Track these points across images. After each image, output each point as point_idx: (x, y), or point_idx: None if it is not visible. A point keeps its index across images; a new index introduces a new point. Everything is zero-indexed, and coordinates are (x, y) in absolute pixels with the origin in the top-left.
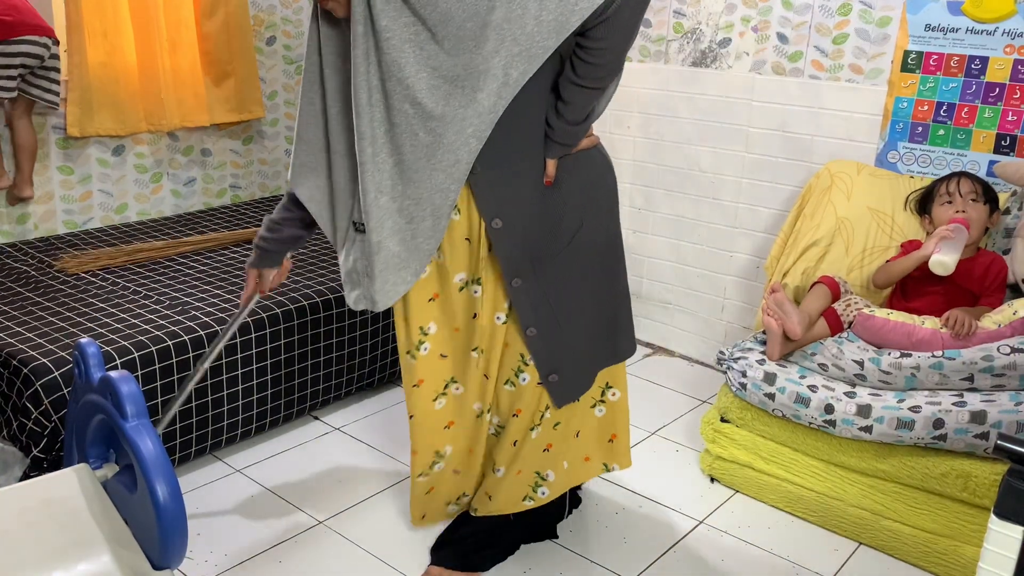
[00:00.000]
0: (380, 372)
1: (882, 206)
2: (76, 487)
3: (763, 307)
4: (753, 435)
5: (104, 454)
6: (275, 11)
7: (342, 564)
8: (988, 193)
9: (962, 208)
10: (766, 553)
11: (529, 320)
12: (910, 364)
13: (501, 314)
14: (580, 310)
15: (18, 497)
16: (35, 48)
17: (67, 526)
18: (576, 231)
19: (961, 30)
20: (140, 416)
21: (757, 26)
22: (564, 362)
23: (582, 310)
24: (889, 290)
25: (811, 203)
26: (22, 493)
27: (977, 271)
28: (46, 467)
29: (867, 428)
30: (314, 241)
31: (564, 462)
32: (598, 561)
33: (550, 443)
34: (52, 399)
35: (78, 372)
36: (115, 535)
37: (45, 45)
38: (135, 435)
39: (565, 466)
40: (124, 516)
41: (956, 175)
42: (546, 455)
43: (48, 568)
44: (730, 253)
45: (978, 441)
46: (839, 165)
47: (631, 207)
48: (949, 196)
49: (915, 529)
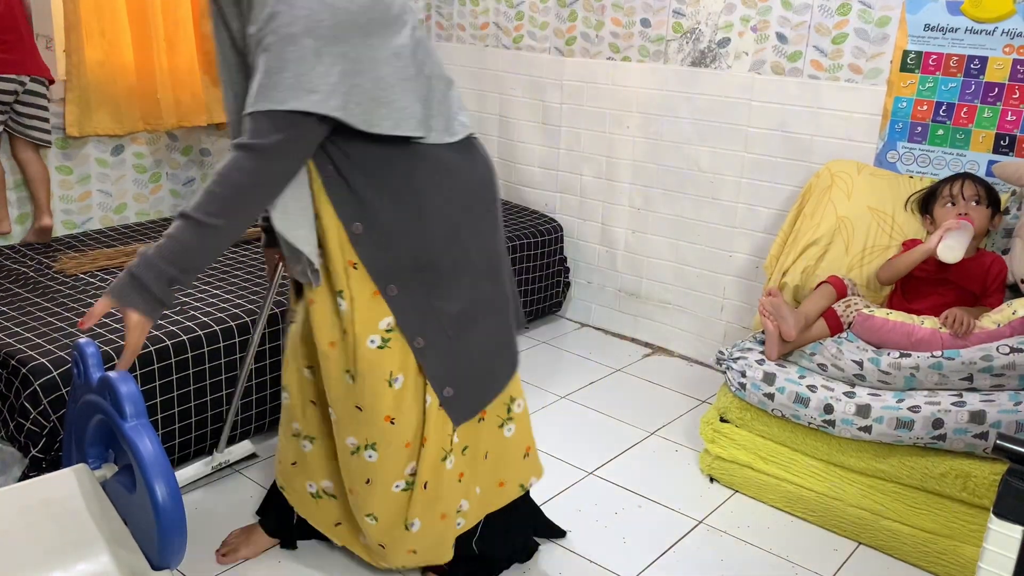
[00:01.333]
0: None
1: (882, 205)
2: (75, 487)
3: (760, 309)
4: (752, 435)
5: (103, 454)
6: None
7: (342, 564)
8: (991, 196)
9: (964, 211)
10: (765, 553)
11: (415, 329)
12: (909, 364)
13: (375, 337)
14: (471, 318)
15: (16, 497)
16: (6, 85)
17: (66, 526)
18: (454, 234)
19: (960, 30)
20: (139, 416)
21: (756, 26)
22: (460, 375)
23: (473, 318)
24: (889, 290)
25: (811, 202)
26: (20, 493)
27: (977, 271)
28: (45, 467)
29: (866, 428)
30: None
31: (476, 488)
32: (597, 561)
33: (462, 472)
34: (50, 399)
35: (77, 372)
36: (114, 535)
37: (20, 83)
38: (134, 435)
39: (478, 492)
40: (123, 516)
41: (960, 177)
42: (459, 485)
43: (47, 568)
44: (729, 253)
45: (977, 441)
46: (839, 165)
47: (630, 207)
48: (952, 198)
49: (914, 529)
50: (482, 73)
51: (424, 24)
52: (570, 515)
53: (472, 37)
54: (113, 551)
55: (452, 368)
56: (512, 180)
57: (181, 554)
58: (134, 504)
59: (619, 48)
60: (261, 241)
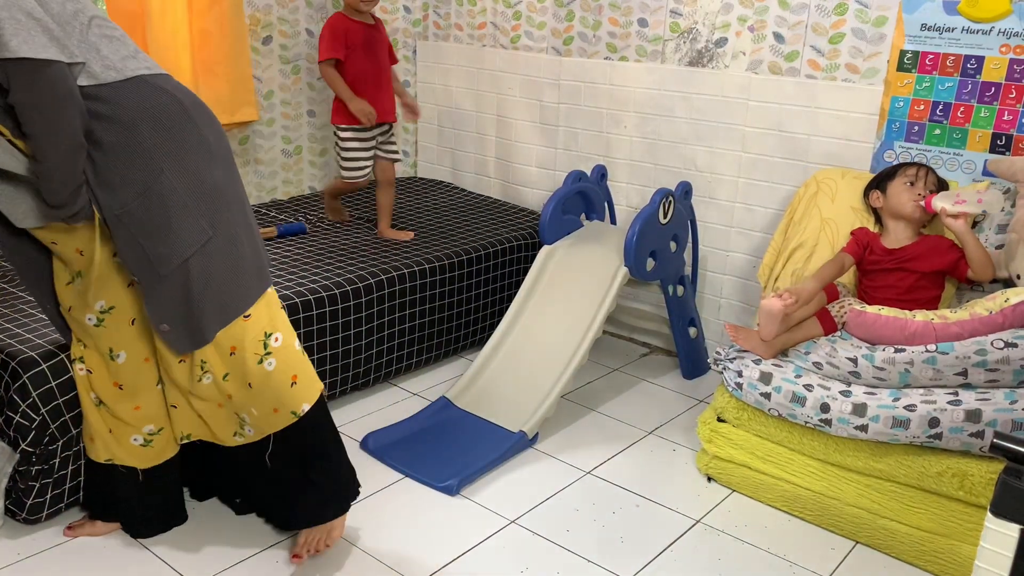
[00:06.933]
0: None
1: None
2: None
3: (771, 293)
4: (749, 434)
5: None
6: (271, 11)
7: (341, 564)
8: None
9: (922, 193)
10: (763, 552)
11: (131, 268)
12: (904, 359)
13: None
14: (166, 258)
15: None
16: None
17: None
18: (152, 178)
19: (957, 30)
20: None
21: (753, 26)
22: (173, 313)
23: (168, 258)
24: (854, 287)
25: (800, 210)
26: None
27: (921, 250)
28: (35, 461)
29: (863, 427)
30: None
31: (252, 408)
32: (595, 560)
33: (229, 393)
34: (39, 392)
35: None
36: None
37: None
38: None
39: (255, 412)
40: None
41: (925, 166)
42: (231, 401)
43: None
44: (726, 252)
45: (973, 440)
46: (825, 173)
47: (628, 207)
48: (913, 178)
49: (912, 528)
50: (479, 73)
51: (423, 23)
52: (568, 514)
53: (469, 37)
54: None
55: (166, 307)
56: (509, 180)
57: None
58: None
59: (616, 48)
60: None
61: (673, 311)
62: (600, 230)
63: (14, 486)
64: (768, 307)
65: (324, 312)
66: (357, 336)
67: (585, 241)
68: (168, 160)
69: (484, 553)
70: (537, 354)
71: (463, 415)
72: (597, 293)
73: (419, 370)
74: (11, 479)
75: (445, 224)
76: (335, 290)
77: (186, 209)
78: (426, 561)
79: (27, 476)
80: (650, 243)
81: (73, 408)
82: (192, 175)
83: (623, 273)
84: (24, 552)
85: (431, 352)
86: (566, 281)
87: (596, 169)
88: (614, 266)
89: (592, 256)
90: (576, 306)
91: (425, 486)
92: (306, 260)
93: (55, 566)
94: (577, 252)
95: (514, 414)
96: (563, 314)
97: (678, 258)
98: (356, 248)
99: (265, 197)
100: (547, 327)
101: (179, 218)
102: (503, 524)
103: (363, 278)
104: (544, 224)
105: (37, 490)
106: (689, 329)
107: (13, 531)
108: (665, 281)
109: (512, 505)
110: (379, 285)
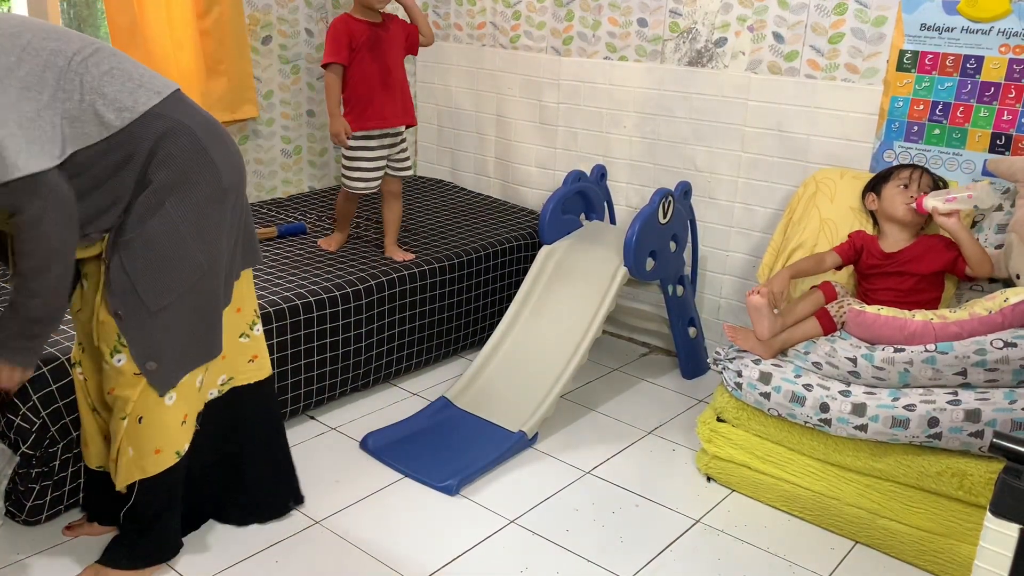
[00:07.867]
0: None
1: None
2: None
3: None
4: (749, 434)
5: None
6: (271, 11)
7: (341, 564)
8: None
9: (915, 196)
10: (762, 552)
11: (116, 303)
12: (903, 359)
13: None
14: (159, 294)
15: None
16: None
17: None
18: (152, 211)
19: (956, 29)
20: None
21: (753, 25)
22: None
23: (161, 293)
24: (854, 289)
25: (799, 211)
26: None
27: (919, 252)
28: (35, 463)
29: (862, 427)
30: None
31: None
32: (595, 560)
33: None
34: (40, 395)
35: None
36: None
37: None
38: None
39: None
40: None
41: (918, 167)
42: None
43: None
44: (726, 252)
45: (973, 439)
46: (824, 173)
47: (627, 207)
48: (907, 181)
49: (911, 528)
50: (479, 73)
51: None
52: (567, 514)
53: (469, 37)
54: None
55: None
56: (509, 180)
57: None
58: None
59: (616, 48)
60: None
61: (673, 311)
62: (600, 230)
63: (14, 488)
64: (750, 303)
65: (324, 313)
66: (357, 336)
67: (585, 241)
68: (173, 200)
69: (484, 553)
70: (537, 354)
71: (463, 415)
72: (597, 293)
73: (419, 370)
74: (11, 481)
75: (445, 224)
76: (335, 291)
77: (185, 248)
78: (426, 561)
79: (27, 478)
80: (650, 243)
81: (73, 411)
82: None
83: (623, 273)
84: (24, 552)
85: (431, 352)
86: (566, 281)
87: (596, 169)
88: (614, 266)
89: (592, 256)
90: (576, 306)
91: (425, 486)
92: (306, 260)
93: (55, 566)
94: (577, 252)
95: (514, 414)
96: (563, 314)
97: (678, 258)
98: (356, 248)
99: (265, 196)
100: (547, 327)
101: (178, 256)
102: (503, 524)
103: (363, 279)
104: (544, 224)
105: (37, 492)
106: (689, 329)
107: (13, 532)
108: (665, 281)
109: (512, 505)
110: (379, 286)
